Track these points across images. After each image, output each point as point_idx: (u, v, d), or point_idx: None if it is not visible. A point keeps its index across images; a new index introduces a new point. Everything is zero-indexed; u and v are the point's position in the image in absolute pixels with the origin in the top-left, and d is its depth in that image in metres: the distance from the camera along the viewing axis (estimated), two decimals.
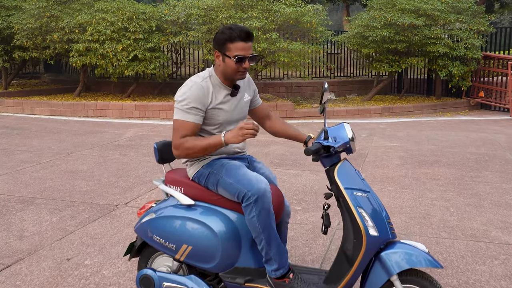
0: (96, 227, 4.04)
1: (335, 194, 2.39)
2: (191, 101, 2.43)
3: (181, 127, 2.44)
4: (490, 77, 12.27)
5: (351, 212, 2.30)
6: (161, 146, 2.71)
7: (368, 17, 11.24)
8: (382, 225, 2.28)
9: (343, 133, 2.43)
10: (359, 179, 2.39)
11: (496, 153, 6.95)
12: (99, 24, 10.66)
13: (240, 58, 2.43)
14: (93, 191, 5.06)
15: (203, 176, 2.56)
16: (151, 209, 2.66)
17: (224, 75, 2.52)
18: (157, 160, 2.72)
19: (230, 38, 2.42)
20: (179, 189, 2.61)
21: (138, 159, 6.51)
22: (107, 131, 8.84)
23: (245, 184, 2.40)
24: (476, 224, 4.14)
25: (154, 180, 2.80)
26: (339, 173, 2.36)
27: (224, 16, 9.91)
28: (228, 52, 2.45)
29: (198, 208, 2.52)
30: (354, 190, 2.32)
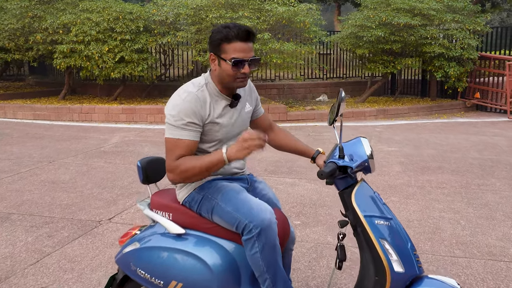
0: (75, 248, 3.65)
1: (352, 222, 2.03)
2: (186, 115, 2.04)
3: (175, 147, 2.05)
4: (486, 78, 12.03)
5: (372, 245, 1.94)
6: (145, 164, 2.35)
7: (362, 16, 10.93)
8: (408, 259, 1.94)
9: (360, 150, 2.08)
10: (380, 203, 2.04)
11: (499, 158, 6.66)
12: (84, 25, 10.25)
13: (237, 61, 2.03)
14: (74, 205, 4.67)
15: (195, 201, 2.19)
16: (135, 237, 2.29)
17: (221, 82, 2.13)
18: (141, 180, 2.36)
19: (227, 38, 2.03)
20: (167, 215, 2.24)
21: (124, 167, 6.12)
22: (92, 136, 8.43)
23: (246, 213, 2.03)
24: (491, 240, 3.81)
25: (138, 203, 2.43)
26: (357, 198, 2.00)
27: (214, 15, 9.54)
28: (224, 54, 2.05)
29: (190, 238, 2.15)
30: (375, 218, 1.97)
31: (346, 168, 2.01)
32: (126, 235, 2.35)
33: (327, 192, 5.03)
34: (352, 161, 2.04)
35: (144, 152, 7.07)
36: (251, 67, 2.08)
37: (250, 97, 2.36)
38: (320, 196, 4.91)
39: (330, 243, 3.75)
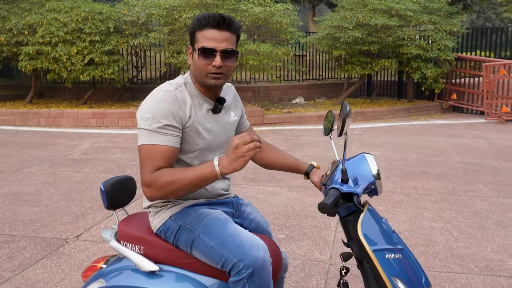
0: (38, 272, 3.29)
1: (357, 255, 1.74)
2: (163, 117, 1.72)
3: (151, 156, 1.71)
4: (462, 79, 12.01)
5: (382, 284, 1.64)
6: (109, 187, 2.00)
7: (339, 17, 10.76)
8: None
9: (365, 169, 1.78)
10: (389, 232, 1.75)
11: (482, 162, 6.53)
12: (51, 25, 9.78)
13: (205, 50, 1.74)
14: (38, 220, 4.29)
15: (171, 231, 1.87)
16: (100, 272, 1.96)
17: (195, 78, 1.84)
18: (105, 206, 2.03)
19: (200, 26, 1.77)
20: (137, 248, 1.91)
21: (94, 177, 5.74)
22: (60, 142, 7.99)
23: (235, 250, 1.72)
24: (487, 252, 3.61)
25: (102, 232, 2.08)
26: (364, 228, 1.69)
27: (188, 16, 9.21)
28: (196, 44, 1.79)
29: (165, 275, 1.83)
30: (386, 252, 1.68)
31: (352, 195, 1.72)
32: (90, 269, 2.02)
33: (310, 202, 4.77)
34: (357, 185, 1.74)
35: (115, 158, 6.69)
36: (226, 61, 1.77)
37: (236, 106, 2.06)
38: (304, 206, 4.65)
39: (319, 259, 3.48)
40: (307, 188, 5.19)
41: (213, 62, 1.75)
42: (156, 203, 1.91)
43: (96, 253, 3.59)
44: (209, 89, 1.85)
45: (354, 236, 1.71)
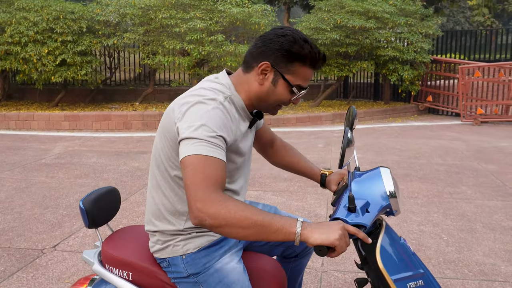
0: (13, 286, 3.07)
1: (374, 282, 1.56)
2: (218, 128, 1.45)
3: (209, 170, 1.38)
4: (437, 81, 12.12)
5: None
6: (90, 204, 1.77)
7: (316, 19, 10.71)
8: None
9: (378, 189, 1.55)
10: (409, 255, 1.58)
11: (463, 164, 6.54)
12: (20, 25, 9.43)
13: (301, 88, 1.59)
14: (11, 230, 4.05)
15: (177, 272, 1.64)
16: None
17: (258, 101, 1.61)
18: (86, 225, 1.80)
19: (305, 57, 1.54)
20: (125, 274, 1.70)
21: (69, 182, 5.50)
22: (31, 146, 7.68)
23: None
24: (479, 257, 3.55)
25: (84, 253, 1.84)
26: (383, 254, 1.50)
27: (164, 16, 9.00)
28: (289, 75, 1.55)
29: None
30: (408, 281, 1.50)
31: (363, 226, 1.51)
32: None
33: (296, 206, 4.66)
34: (367, 212, 1.51)
35: (91, 163, 6.45)
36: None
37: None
38: (289, 211, 4.52)
39: (310, 267, 3.35)
40: (291, 192, 5.08)
41: (293, 99, 1.61)
42: (166, 231, 1.64)
43: (76, 263, 3.38)
44: (259, 109, 1.67)
45: (372, 262, 1.53)
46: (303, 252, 1.95)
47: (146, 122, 9.36)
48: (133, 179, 5.63)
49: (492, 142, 8.25)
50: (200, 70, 9.69)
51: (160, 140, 1.61)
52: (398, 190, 1.59)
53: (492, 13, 17.31)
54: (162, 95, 11.93)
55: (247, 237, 1.34)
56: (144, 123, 9.37)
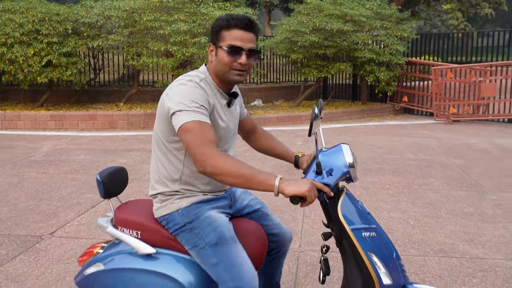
0: (17, 266, 3.35)
1: (337, 234, 1.93)
2: (198, 100, 1.84)
3: (204, 132, 1.77)
4: (412, 82, 12.60)
5: (360, 259, 1.85)
6: (105, 177, 2.11)
7: (296, 22, 11.08)
8: (395, 270, 1.88)
9: (340, 160, 1.94)
10: (365, 213, 1.95)
11: (433, 159, 6.96)
12: (6, 26, 9.60)
13: (233, 48, 1.89)
14: (9, 219, 4.31)
15: (174, 223, 1.98)
16: (97, 256, 2.08)
17: (217, 74, 1.97)
18: (101, 195, 2.13)
19: (227, 26, 1.91)
20: (134, 233, 2.04)
21: (60, 177, 5.76)
22: (19, 145, 7.89)
23: (235, 276, 1.85)
24: (441, 238, 3.93)
25: (99, 220, 2.18)
26: (343, 210, 1.89)
27: (148, 18, 9.28)
28: (221, 42, 1.92)
29: (161, 258, 1.98)
30: (363, 231, 1.88)
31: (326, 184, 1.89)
32: (86, 254, 2.14)
33: (277, 197, 4.99)
34: (331, 175, 1.90)
35: (79, 160, 6.70)
36: (249, 60, 1.93)
37: (238, 99, 2.23)
38: (272, 201, 4.86)
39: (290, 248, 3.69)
40: None
41: (239, 60, 1.91)
42: (165, 192, 2.01)
43: (73, 247, 3.67)
44: (227, 85, 2.01)
45: (334, 217, 1.90)
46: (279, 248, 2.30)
47: (131, 121, 9.62)
48: None
49: (462, 139, 8.71)
50: (184, 71, 9.97)
51: (158, 123, 2.00)
52: (356, 162, 1.98)
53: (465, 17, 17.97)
54: (146, 95, 12.18)
55: (238, 185, 1.72)
56: (129, 122, 9.62)
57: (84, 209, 4.59)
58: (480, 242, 3.86)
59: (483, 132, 9.56)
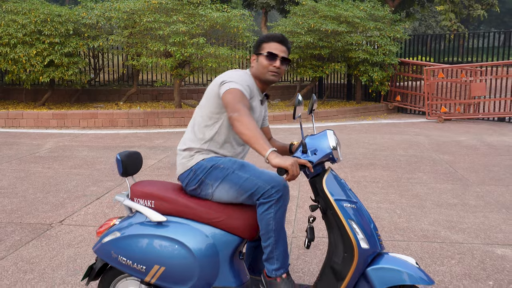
0: (31, 250, 3.62)
1: (322, 206, 2.24)
2: (246, 82, 2.38)
3: (241, 97, 2.26)
4: (405, 82, 12.90)
5: (341, 225, 2.16)
6: (124, 157, 2.43)
7: (291, 23, 11.37)
8: (372, 237, 2.18)
9: (324, 143, 2.26)
10: (347, 189, 2.27)
11: (423, 155, 7.25)
12: (9, 27, 9.86)
13: (271, 54, 2.42)
14: (19, 210, 4.57)
15: (202, 169, 2.37)
16: (114, 227, 2.37)
17: (257, 76, 2.48)
18: (120, 173, 2.43)
19: (266, 39, 2.47)
20: (148, 203, 2.35)
21: (65, 172, 6.02)
22: (23, 142, 8.14)
23: (268, 179, 2.26)
24: (424, 225, 4.22)
25: (116, 195, 2.50)
26: (328, 184, 2.22)
27: (148, 20, 9.54)
28: (262, 51, 2.46)
29: (171, 225, 2.28)
30: (344, 202, 2.20)
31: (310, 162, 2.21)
32: (104, 226, 2.42)
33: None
34: (315, 155, 2.23)
35: (82, 156, 6.96)
36: (282, 65, 2.44)
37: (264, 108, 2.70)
38: None
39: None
40: None
41: (275, 64, 2.42)
42: (194, 147, 2.43)
43: (81, 234, 3.94)
44: (264, 85, 2.51)
45: (320, 190, 2.22)
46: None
47: (131, 119, 9.89)
48: None
49: (452, 136, 9.01)
50: (182, 71, 10.25)
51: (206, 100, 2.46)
52: (339, 145, 2.30)
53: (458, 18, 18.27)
54: (145, 95, 12.45)
55: (244, 137, 2.12)
56: (129, 120, 9.88)
57: (90, 200, 4.85)
58: (461, 229, 4.14)
59: (472, 130, 9.86)
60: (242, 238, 2.28)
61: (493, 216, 4.49)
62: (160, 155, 7.03)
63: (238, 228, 2.26)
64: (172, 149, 7.50)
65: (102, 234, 2.39)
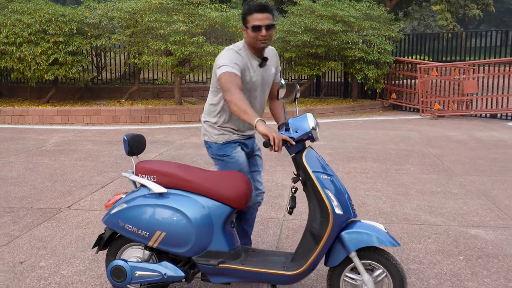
0: (42, 231, 3.94)
1: (303, 178, 2.57)
2: (232, 60, 2.75)
3: (229, 78, 2.65)
4: (401, 80, 13.21)
5: (318, 194, 2.49)
6: (130, 138, 2.75)
7: (289, 22, 11.68)
8: (345, 205, 2.50)
9: (305, 124, 2.59)
10: (324, 164, 2.60)
11: (413, 148, 7.56)
12: (14, 26, 10.18)
13: (256, 27, 2.75)
14: (30, 196, 4.90)
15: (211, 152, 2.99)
16: (121, 200, 2.70)
17: (250, 44, 2.85)
18: (126, 152, 2.76)
19: (248, 11, 2.80)
20: (151, 178, 2.67)
21: (70, 164, 6.34)
22: (29, 137, 8.47)
23: None
24: (407, 210, 4.54)
25: (123, 172, 2.82)
26: (307, 159, 2.54)
27: (149, 19, 9.86)
28: (248, 24, 2.80)
29: (171, 196, 2.61)
30: (321, 174, 2.52)
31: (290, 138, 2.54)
32: (112, 200, 2.75)
33: (266, 179, 5.60)
34: (296, 133, 2.57)
35: (86, 149, 7.29)
36: (268, 31, 2.77)
37: (274, 63, 3.05)
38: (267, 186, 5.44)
39: (274, 217, 4.30)
40: (264, 169, 6.01)
41: (261, 33, 2.75)
42: (209, 121, 2.98)
43: (88, 217, 4.26)
44: (258, 51, 2.86)
45: (301, 164, 2.53)
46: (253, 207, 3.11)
47: (133, 116, 10.21)
48: (126, 161, 6.49)
49: (443, 132, 9.32)
50: (183, 69, 10.57)
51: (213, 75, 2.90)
52: (318, 127, 2.62)
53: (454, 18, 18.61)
54: (147, 92, 12.77)
55: (235, 112, 2.52)
56: (132, 117, 10.21)
57: (95, 189, 5.18)
58: (440, 213, 4.46)
59: (464, 126, 10.17)
60: (233, 208, 2.60)
61: (472, 202, 4.81)
62: (161, 149, 7.35)
63: (230, 199, 2.58)
64: (173, 144, 7.82)
65: (111, 206, 2.71)
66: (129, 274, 2.59)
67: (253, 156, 3.16)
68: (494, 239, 3.82)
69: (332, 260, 2.54)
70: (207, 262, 2.55)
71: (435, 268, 3.30)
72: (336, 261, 2.53)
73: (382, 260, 2.52)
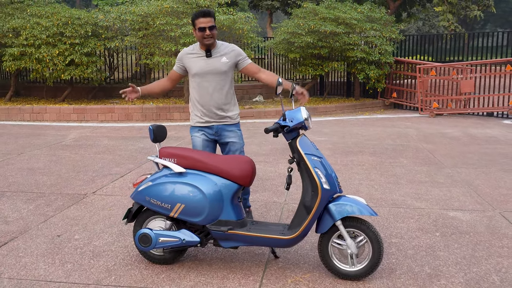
0: (73, 212, 4.50)
1: (297, 160, 3.10)
2: (179, 58, 3.77)
3: (170, 73, 3.85)
4: (401, 80, 13.69)
5: (309, 172, 3.03)
6: (155, 128, 3.31)
7: (293, 24, 12.21)
8: (332, 181, 3.04)
9: (299, 115, 3.13)
10: (315, 148, 3.14)
11: (409, 144, 8.07)
12: (33, 29, 10.78)
13: (201, 28, 3.55)
14: (57, 184, 5.46)
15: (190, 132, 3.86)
16: (147, 179, 3.25)
17: (199, 41, 3.65)
18: (151, 139, 3.31)
19: (195, 17, 3.60)
20: (172, 160, 3.22)
21: (90, 157, 6.91)
22: (49, 133, 9.05)
23: None
24: (395, 196, 5.06)
25: (149, 156, 3.37)
26: (300, 143, 3.09)
27: (161, 22, 10.43)
28: (196, 26, 3.59)
29: (189, 175, 3.16)
30: (312, 156, 3.06)
31: (286, 126, 3.10)
32: (138, 179, 3.30)
33: (269, 170, 6.13)
34: (291, 122, 3.11)
35: (104, 144, 7.85)
36: (211, 31, 3.55)
37: (229, 55, 3.70)
38: (265, 173, 6.00)
39: (276, 202, 4.84)
40: (268, 162, 6.56)
41: (206, 33, 3.55)
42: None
43: (112, 201, 4.82)
44: (205, 46, 3.62)
45: (295, 148, 3.07)
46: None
47: (145, 114, 10.78)
48: (141, 154, 7.05)
49: (440, 129, 9.81)
50: None
51: None
52: (310, 118, 3.16)
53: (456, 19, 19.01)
54: None
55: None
56: (143, 114, 10.78)
57: (116, 178, 5.74)
58: (425, 199, 4.98)
59: (460, 124, 10.65)
60: (239, 185, 3.15)
61: (455, 190, 5.32)
62: (173, 144, 7.90)
63: (237, 177, 3.13)
64: (184, 139, 8.38)
65: (138, 185, 3.26)
66: (154, 240, 3.14)
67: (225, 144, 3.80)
68: (470, 220, 4.34)
69: (321, 227, 3.08)
70: (218, 229, 3.10)
71: (414, 242, 3.83)
72: (325, 228, 3.07)
73: (363, 228, 3.06)
